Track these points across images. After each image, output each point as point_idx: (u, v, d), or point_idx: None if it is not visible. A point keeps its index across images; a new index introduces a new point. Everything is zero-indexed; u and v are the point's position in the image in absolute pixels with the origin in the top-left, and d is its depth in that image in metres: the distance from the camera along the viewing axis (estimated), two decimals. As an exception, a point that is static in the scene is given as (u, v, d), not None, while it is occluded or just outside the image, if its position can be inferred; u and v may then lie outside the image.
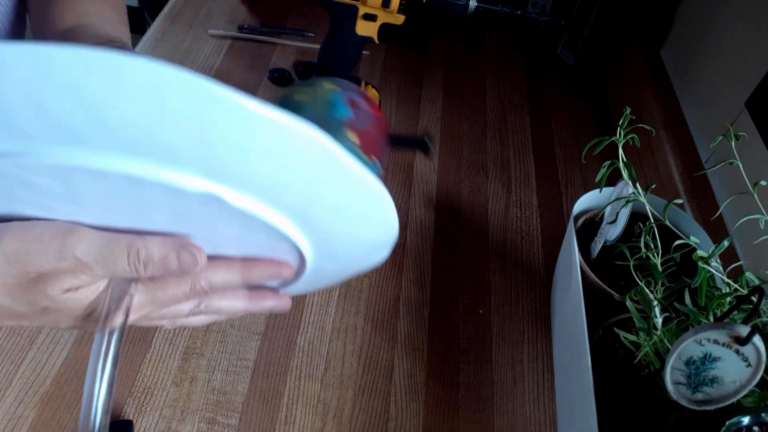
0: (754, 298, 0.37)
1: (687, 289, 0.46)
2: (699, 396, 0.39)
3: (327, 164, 0.29)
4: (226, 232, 0.33)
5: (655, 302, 0.46)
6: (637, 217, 0.60)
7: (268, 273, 0.37)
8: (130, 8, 0.58)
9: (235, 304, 0.39)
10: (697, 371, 0.38)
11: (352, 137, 0.55)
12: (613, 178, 0.55)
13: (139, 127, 0.25)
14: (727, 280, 0.46)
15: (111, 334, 0.32)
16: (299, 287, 0.43)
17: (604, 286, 0.55)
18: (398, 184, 0.75)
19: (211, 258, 0.35)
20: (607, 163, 0.51)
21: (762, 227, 0.46)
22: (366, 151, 0.56)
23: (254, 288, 0.40)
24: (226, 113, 0.25)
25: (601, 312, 0.53)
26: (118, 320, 0.32)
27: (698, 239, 0.49)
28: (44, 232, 0.31)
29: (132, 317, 0.34)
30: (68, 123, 0.25)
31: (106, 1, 0.53)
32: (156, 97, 0.24)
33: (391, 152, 0.71)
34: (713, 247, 0.45)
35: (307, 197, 0.31)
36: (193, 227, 0.33)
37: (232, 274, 0.36)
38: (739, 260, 0.60)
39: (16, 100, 0.24)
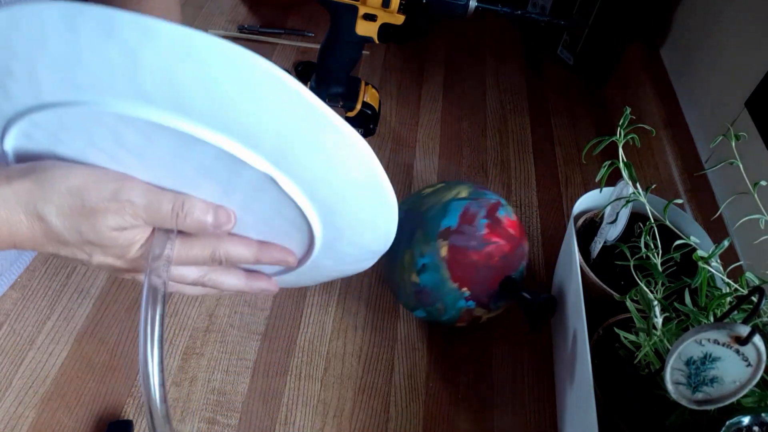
0: (754, 298, 0.37)
1: (687, 289, 0.46)
2: (699, 396, 0.39)
3: (365, 174, 0.35)
4: (260, 212, 0.38)
5: (655, 302, 0.46)
6: (637, 217, 0.60)
7: (277, 258, 0.42)
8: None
9: (234, 281, 0.44)
10: (697, 371, 0.38)
11: (442, 248, 0.51)
12: (613, 178, 0.55)
13: (235, 111, 0.31)
14: (727, 280, 0.46)
15: (155, 292, 0.36)
16: (289, 279, 0.48)
17: (604, 286, 0.55)
18: (398, 184, 0.75)
19: (234, 236, 0.41)
20: (607, 163, 0.51)
21: (762, 227, 0.46)
22: (452, 269, 0.51)
23: (251, 271, 0.46)
24: (298, 107, 0.31)
25: (601, 312, 0.53)
26: (158, 264, 0.37)
27: (698, 239, 0.49)
28: (106, 174, 0.36)
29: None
30: (180, 92, 0.30)
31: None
32: (253, 94, 0.30)
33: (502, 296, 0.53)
34: (713, 247, 0.45)
35: (339, 195, 0.37)
36: (231, 203, 0.38)
37: (249, 251, 0.41)
38: (739, 260, 0.60)
39: (152, 69, 0.30)
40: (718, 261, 0.47)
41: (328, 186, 0.36)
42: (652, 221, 0.50)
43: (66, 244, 0.37)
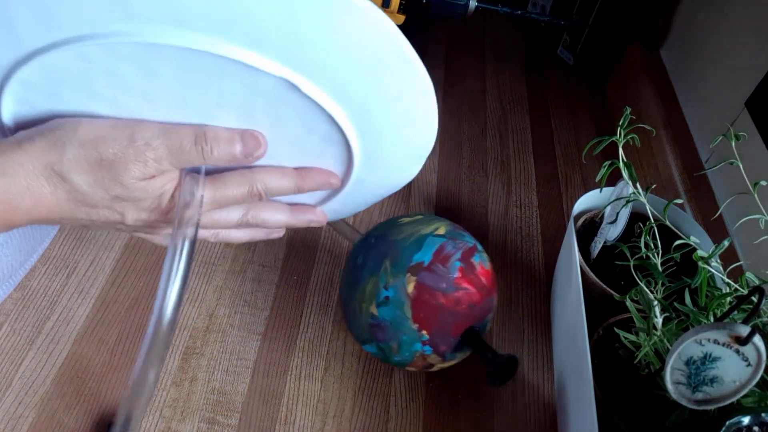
0: (754, 298, 0.37)
1: (687, 289, 0.46)
2: (699, 396, 0.39)
3: (391, 52, 0.32)
4: (287, 134, 0.36)
5: (655, 302, 0.46)
6: (637, 217, 0.60)
7: (318, 181, 0.40)
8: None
9: (279, 216, 0.42)
10: (697, 371, 0.38)
11: (409, 284, 0.47)
12: (613, 178, 0.55)
13: (234, 6, 0.28)
14: (727, 280, 0.46)
15: (184, 237, 0.34)
16: (334, 206, 0.46)
17: (604, 286, 0.55)
18: (398, 184, 0.75)
19: (269, 166, 0.38)
20: (607, 163, 0.51)
21: (762, 227, 0.46)
22: (415, 308, 0.47)
23: (295, 204, 0.44)
24: None
25: (601, 312, 0.53)
26: (189, 213, 0.35)
27: (698, 239, 0.49)
28: (117, 122, 0.34)
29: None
30: (172, 3, 0.28)
31: None
32: None
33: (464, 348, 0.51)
34: (713, 247, 0.45)
35: (367, 87, 0.33)
36: (255, 128, 0.36)
37: (287, 179, 0.39)
38: (739, 260, 0.60)
39: None
40: (718, 261, 0.47)
41: (353, 76, 0.32)
42: (652, 221, 0.50)
43: (94, 205, 0.35)
